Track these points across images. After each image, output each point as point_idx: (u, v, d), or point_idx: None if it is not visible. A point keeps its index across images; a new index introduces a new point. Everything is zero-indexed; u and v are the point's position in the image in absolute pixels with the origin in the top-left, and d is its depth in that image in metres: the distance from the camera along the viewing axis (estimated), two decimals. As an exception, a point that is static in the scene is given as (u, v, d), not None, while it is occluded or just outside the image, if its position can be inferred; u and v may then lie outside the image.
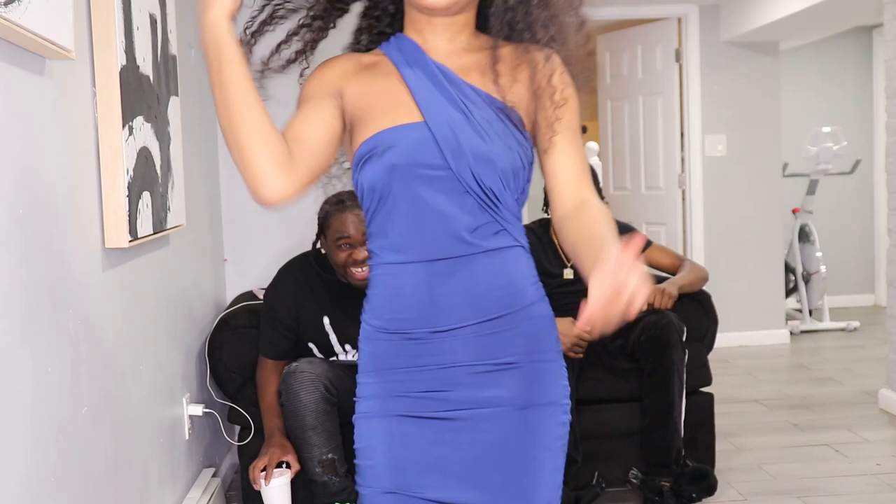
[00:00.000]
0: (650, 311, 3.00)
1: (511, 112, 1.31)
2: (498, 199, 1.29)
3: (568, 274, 3.18)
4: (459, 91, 1.30)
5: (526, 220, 4.21)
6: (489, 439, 1.28)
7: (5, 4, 1.27)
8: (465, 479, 1.29)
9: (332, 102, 1.30)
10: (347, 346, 2.69)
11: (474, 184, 1.27)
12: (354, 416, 1.35)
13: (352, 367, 2.53)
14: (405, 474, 1.29)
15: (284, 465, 2.54)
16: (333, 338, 2.67)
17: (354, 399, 1.36)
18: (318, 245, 2.72)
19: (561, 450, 1.31)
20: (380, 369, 1.32)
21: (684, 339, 2.92)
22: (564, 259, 3.19)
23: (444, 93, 1.29)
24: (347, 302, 2.64)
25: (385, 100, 1.31)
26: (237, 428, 2.95)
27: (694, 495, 2.87)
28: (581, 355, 2.93)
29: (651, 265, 3.33)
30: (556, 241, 3.19)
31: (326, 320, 2.66)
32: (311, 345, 2.70)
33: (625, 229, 3.31)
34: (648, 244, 3.32)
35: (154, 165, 2.13)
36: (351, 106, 1.32)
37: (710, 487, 2.91)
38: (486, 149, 1.27)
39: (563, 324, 2.87)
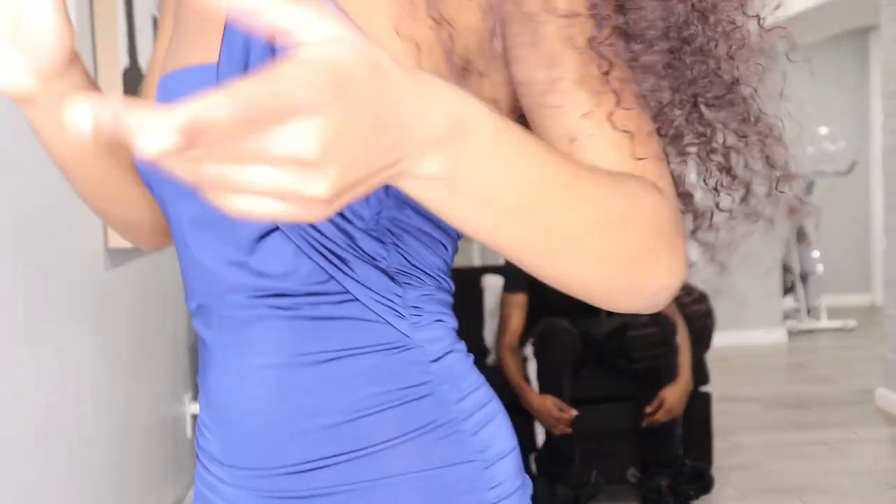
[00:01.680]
0: (648, 316, 3.01)
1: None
2: (340, 231, 0.62)
3: None
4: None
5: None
6: None
7: (11, 6, 1.28)
8: None
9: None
10: None
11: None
12: None
13: None
14: None
15: None
16: None
17: None
18: None
19: None
20: None
21: (678, 338, 2.93)
22: None
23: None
24: None
25: (191, 16, 0.70)
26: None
27: (692, 493, 2.88)
28: (569, 430, 2.83)
29: None
30: None
31: None
32: None
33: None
34: None
35: (156, 166, 2.14)
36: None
37: (707, 486, 2.92)
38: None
39: (542, 400, 2.83)
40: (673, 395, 2.89)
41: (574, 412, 2.82)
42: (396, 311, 0.64)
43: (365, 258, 0.63)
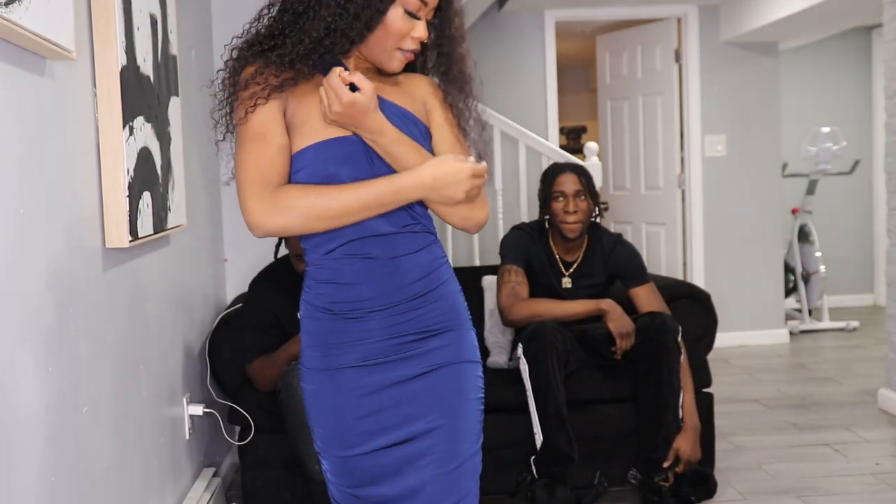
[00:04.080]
0: (646, 314, 3.00)
1: (422, 125, 1.59)
2: (415, 203, 1.55)
3: (566, 283, 3.15)
4: (386, 109, 1.54)
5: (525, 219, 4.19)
6: (422, 392, 1.55)
7: (6, 5, 1.27)
8: (403, 422, 1.54)
9: (283, 126, 1.52)
10: None
11: None
12: (302, 384, 1.60)
13: None
14: (344, 424, 1.55)
15: None
16: None
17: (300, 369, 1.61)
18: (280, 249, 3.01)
19: (480, 402, 1.61)
20: (323, 344, 1.56)
21: (679, 339, 2.91)
22: (562, 268, 3.16)
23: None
24: None
25: (319, 113, 1.51)
26: (237, 428, 2.95)
27: (693, 498, 2.87)
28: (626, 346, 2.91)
29: (632, 301, 3.09)
30: (553, 247, 3.17)
31: (300, 314, 2.72)
32: None
33: (634, 271, 3.13)
34: (645, 280, 3.11)
35: (154, 165, 2.13)
36: (290, 115, 1.53)
37: (709, 491, 2.91)
38: None
39: (620, 314, 2.93)
40: (685, 444, 2.87)
41: None
42: (432, 230, 1.61)
43: (415, 216, 1.57)
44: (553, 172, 3.18)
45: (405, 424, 1.54)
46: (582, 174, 3.15)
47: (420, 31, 1.54)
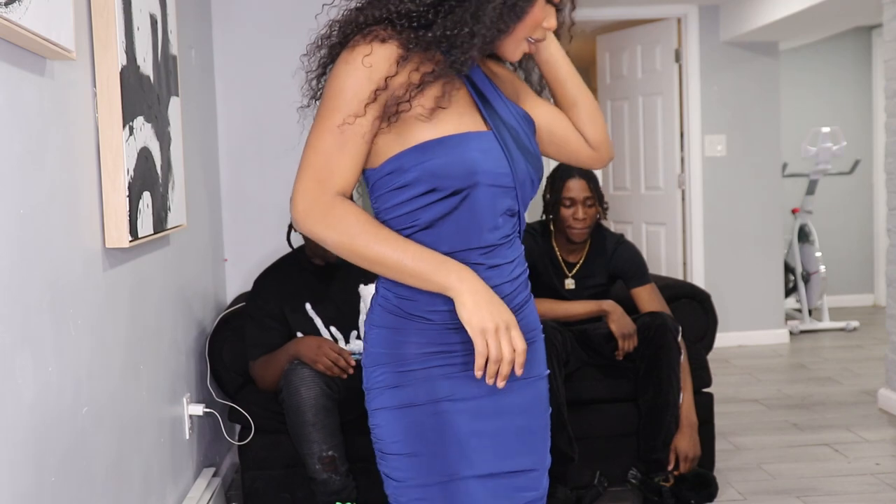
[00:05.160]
0: (646, 314, 3.00)
1: (533, 125, 1.49)
2: (524, 208, 1.47)
3: (569, 284, 3.15)
4: (510, 108, 1.46)
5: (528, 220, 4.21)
6: (516, 409, 1.44)
7: (6, 4, 1.27)
8: (505, 451, 1.42)
9: (371, 135, 1.35)
10: (333, 329, 2.73)
11: (526, 194, 1.44)
12: (379, 408, 1.41)
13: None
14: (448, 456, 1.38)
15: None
16: (318, 322, 2.74)
17: (371, 388, 1.42)
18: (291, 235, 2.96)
19: (549, 409, 1.55)
20: (409, 356, 1.39)
21: (679, 338, 2.91)
22: (565, 269, 3.16)
23: (501, 108, 1.44)
24: (323, 285, 2.76)
25: (444, 103, 1.37)
26: (237, 428, 2.95)
27: (692, 502, 2.86)
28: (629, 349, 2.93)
29: (633, 301, 3.10)
30: (556, 248, 3.17)
31: (308, 306, 2.73)
32: (299, 334, 2.73)
33: (635, 271, 3.13)
34: (647, 281, 3.11)
35: (154, 165, 2.13)
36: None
37: (710, 495, 2.90)
38: (537, 162, 1.46)
39: (621, 315, 2.93)
40: (683, 442, 2.88)
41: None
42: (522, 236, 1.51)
43: (518, 224, 1.47)
44: (562, 176, 3.13)
45: (505, 449, 1.42)
46: (591, 180, 3.12)
47: (553, 20, 1.44)
